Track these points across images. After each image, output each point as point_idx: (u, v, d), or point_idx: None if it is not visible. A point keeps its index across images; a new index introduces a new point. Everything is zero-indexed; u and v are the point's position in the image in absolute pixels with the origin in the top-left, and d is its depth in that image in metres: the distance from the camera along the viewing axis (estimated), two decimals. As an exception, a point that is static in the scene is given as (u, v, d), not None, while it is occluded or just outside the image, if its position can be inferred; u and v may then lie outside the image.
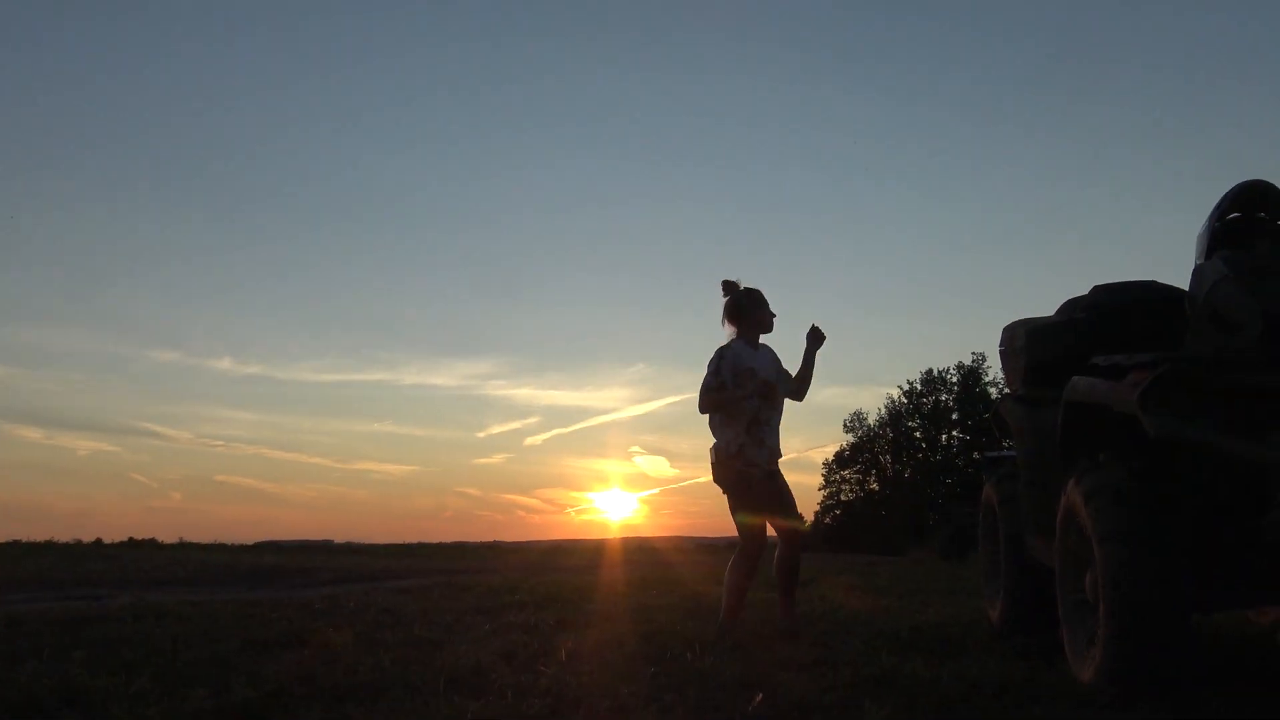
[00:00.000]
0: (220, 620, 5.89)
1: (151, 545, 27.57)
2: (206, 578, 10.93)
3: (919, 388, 55.08)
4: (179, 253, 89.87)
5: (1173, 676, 3.26)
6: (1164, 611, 3.22)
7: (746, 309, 5.39)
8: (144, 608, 6.44)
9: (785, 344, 5.54)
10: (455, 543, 34.93)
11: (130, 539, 30.05)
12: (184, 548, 25.43)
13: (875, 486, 57.28)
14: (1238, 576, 3.38)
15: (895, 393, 60.38)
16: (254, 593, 8.76)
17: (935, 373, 54.90)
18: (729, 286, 5.44)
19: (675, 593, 8.19)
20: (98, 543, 27.87)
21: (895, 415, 56.71)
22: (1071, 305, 5.09)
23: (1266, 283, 3.29)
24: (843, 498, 58.90)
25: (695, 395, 5.26)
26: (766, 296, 5.46)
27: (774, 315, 5.44)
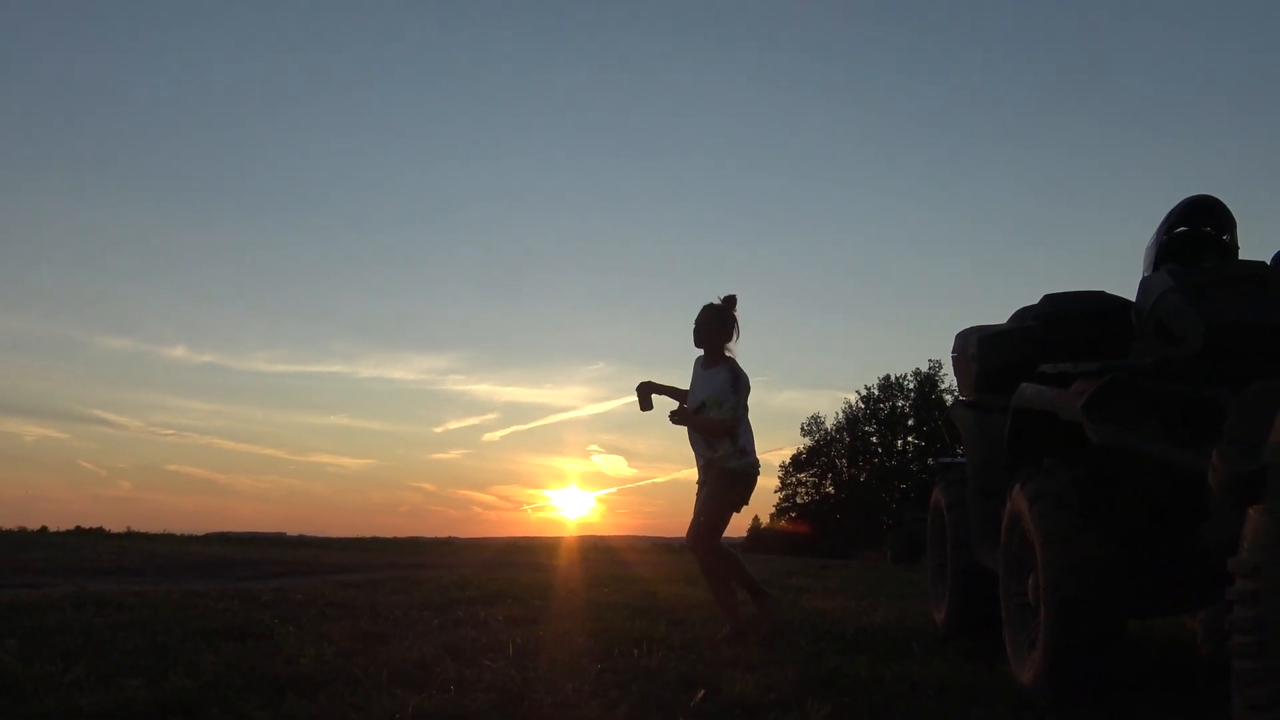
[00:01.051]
0: (162, 610, 5.79)
1: (98, 534, 27.07)
2: (152, 568, 10.73)
3: (876, 393, 55.71)
4: (133, 237, 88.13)
5: (1109, 680, 3.31)
6: (1102, 615, 3.27)
7: (707, 327, 5.39)
8: (85, 596, 6.32)
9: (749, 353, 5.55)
10: (410, 538, 34.94)
11: (77, 527, 29.54)
12: (131, 537, 24.99)
13: (831, 490, 57.86)
14: (1174, 582, 3.45)
15: (853, 398, 60.89)
16: (200, 584, 8.63)
17: (893, 379, 55.60)
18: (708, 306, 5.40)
19: (628, 591, 8.19)
20: (43, 530, 27.33)
21: (852, 420, 57.19)
22: (1023, 314, 5.15)
23: (1209, 296, 3.35)
24: (798, 500, 59.39)
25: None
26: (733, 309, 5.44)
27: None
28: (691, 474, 5.36)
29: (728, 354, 5.28)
